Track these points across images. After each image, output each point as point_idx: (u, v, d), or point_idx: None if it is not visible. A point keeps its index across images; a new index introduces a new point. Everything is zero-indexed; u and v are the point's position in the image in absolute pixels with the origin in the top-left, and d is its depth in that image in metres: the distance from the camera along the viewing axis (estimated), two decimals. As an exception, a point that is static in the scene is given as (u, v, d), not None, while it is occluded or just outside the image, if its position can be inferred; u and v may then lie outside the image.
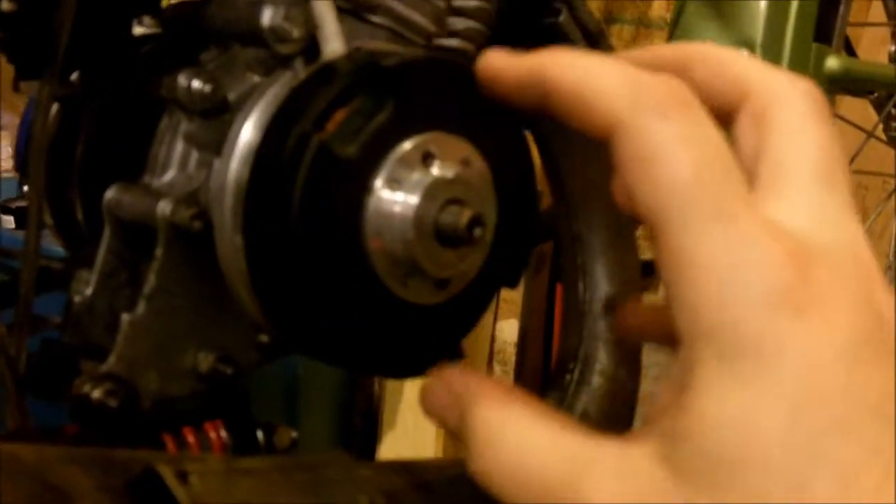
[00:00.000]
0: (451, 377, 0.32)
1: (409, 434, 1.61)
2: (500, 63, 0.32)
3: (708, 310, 0.24)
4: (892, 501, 0.22)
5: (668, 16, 1.79)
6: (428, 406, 0.33)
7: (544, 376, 1.66)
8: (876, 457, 0.23)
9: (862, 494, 0.22)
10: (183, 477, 0.29)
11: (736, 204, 0.25)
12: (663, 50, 0.31)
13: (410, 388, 1.61)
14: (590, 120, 0.28)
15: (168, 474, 0.29)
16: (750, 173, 0.28)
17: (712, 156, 0.26)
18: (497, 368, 1.70)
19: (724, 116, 0.29)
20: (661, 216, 0.26)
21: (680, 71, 0.29)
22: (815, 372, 0.23)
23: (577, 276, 0.62)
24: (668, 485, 0.24)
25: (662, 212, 0.26)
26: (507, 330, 1.67)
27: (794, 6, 0.70)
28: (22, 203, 1.58)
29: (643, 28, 1.80)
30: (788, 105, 0.28)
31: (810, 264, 0.25)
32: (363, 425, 1.67)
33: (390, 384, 1.63)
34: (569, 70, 0.29)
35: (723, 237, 0.25)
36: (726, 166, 0.26)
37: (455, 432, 0.31)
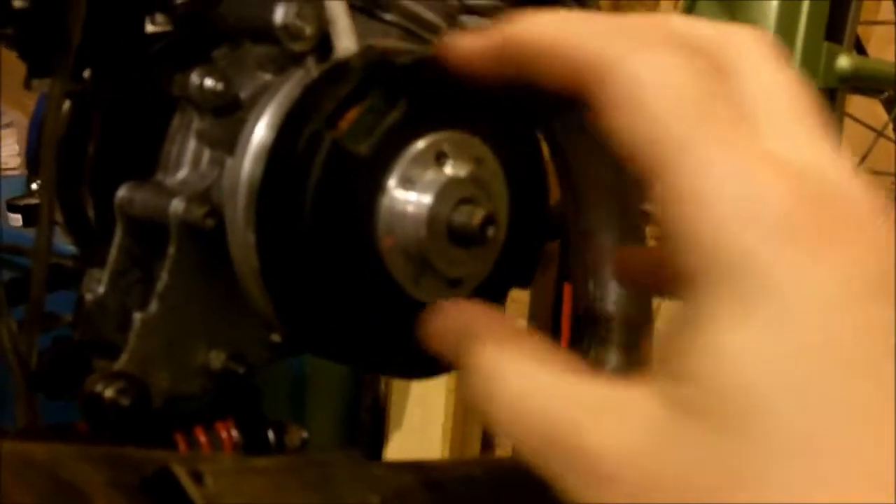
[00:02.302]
0: (456, 307, 0.31)
1: (415, 432, 1.61)
2: (465, 43, 0.31)
3: (716, 243, 0.23)
4: None
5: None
6: (429, 334, 0.31)
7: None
8: (893, 399, 0.21)
9: (875, 438, 0.21)
10: (197, 477, 0.29)
11: (734, 132, 0.24)
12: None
13: (417, 386, 1.61)
14: (570, 72, 0.26)
15: (183, 474, 0.29)
16: None
17: (702, 84, 0.24)
18: (503, 367, 1.70)
19: None
20: (655, 153, 0.24)
21: None
22: (829, 310, 0.22)
23: (586, 275, 0.62)
24: (671, 425, 0.23)
25: (655, 148, 0.24)
26: (514, 329, 1.67)
27: (806, 5, 0.70)
28: (29, 201, 1.58)
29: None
30: (749, 53, 0.27)
31: (820, 198, 0.23)
32: (370, 423, 1.67)
33: (397, 383, 1.63)
34: (540, 27, 0.28)
35: (726, 166, 0.23)
36: (717, 93, 0.25)
37: (455, 363, 0.29)
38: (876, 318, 0.22)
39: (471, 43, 0.31)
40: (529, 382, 0.26)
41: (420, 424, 1.61)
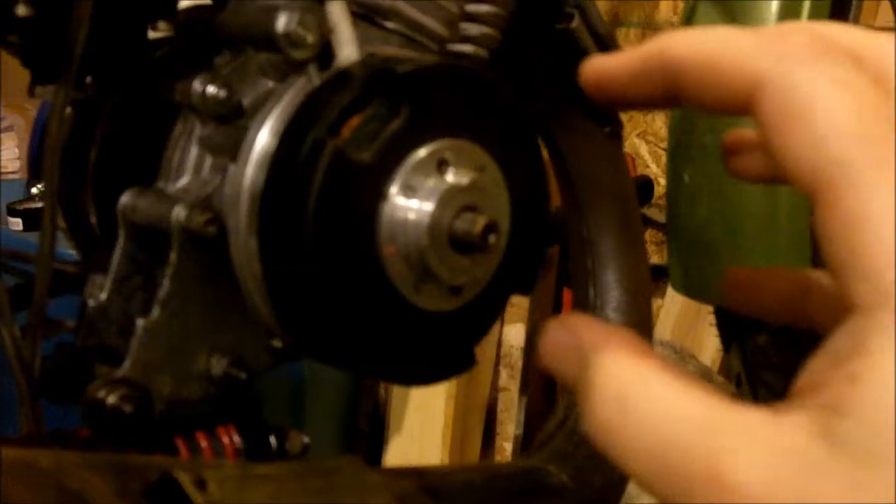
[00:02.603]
0: (576, 321, 0.28)
1: (415, 437, 1.61)
2: (609, 63, 0.30)
3: (890, 276, 0.21)
4: None
5: (676, 18, 1.79)
6: (544, 352, 0.29)
7: (550, 381, 1.66)
8: None
9: None
10: (200, 484, 0.29)
11: None
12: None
13: (417, 392, 1.61)
14: (727, 88, 0.25)
15: (186, 481, 0.29)
16: None
17: (873, 100, 0.23)
18: (503, 373, 1.70)
19: None
20: (823, 173, 0.23)
21: None
22: None
23: (587, 281, 0.63)
24: (830, 462, 0.21)
25: (824, 168, 0.23)
26: (514, 334, 1.67)
27: (807, 7, 0.70)
28: (29, 205, 1.58)
29: (650, 31, 1.80)
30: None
31: None
32: (369, 428, 1.67)
33: (397, 388, 1.63)
34: (693, 44, 0.27)
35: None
36: (883, 111, 0.23)
37: (572, 385, 0.27)
38: None
39: (614, 62, 0.30)
40: (665, 403, 0.24)
41: (419, 430, 1.61)
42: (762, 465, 0.22)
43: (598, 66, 0.30)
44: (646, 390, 0.25)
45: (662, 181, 1.59)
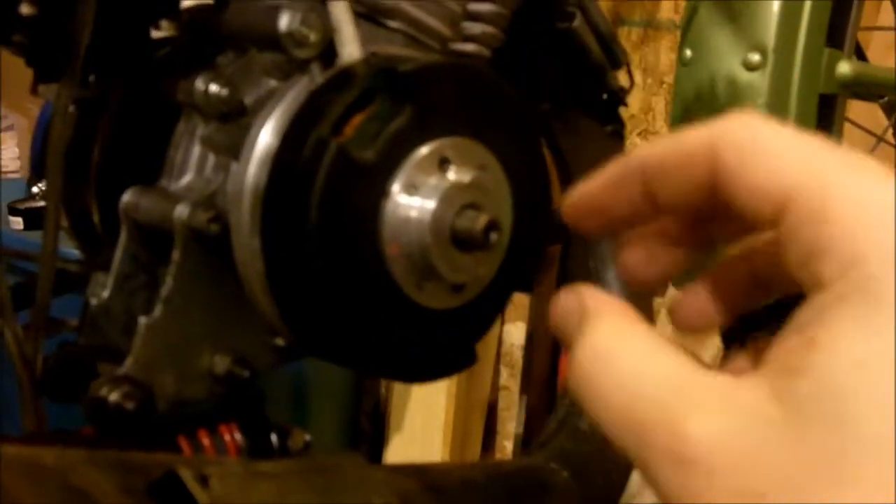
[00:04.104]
0: (583, 289, 0.31)
1: (416, 436, 1.61)
2: (581, 190, 0.32)
3: (853, 254, 0.24)
4: None
5: (677, 17, 1.79)
6: (553, 313, 0.31)
7: (551, 379, 1.66)
8: None
9: None
10: (203, 480, 0.29)
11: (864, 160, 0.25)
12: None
13: (418, 390, 1.61)
14: (690, 174, 0.28)
15: (189, 477, 0.29)
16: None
17: (820, 138, 0.26)
18: (504, 371, 1.70)
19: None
20: (788, 187, 0.25)
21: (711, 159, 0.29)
22: None
23: (589, 280, 0.63)
24: (780, 418, 0.23)
25: (788, 184, 0.25)
26: (515, 333, 1.67)
27: (807, 10, 0.70)
28: (30, 204, 1.58)
29: (651, 30, 1.80)
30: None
31: None
32: (370, 428, 1.67)
33: (397, 387, 1.63)
34: (657, 147, 0.29)
35: (861, 182, 0.24)
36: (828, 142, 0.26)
37: (567, 342, 0.30)
38: None
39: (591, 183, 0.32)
40: (641, 366, 0.26)
41: (420, 428, 1.61)
42: (716, 419, 0.24)
43: (574, 196, 0.32)
44: (623, 348, 0.27)
45: (663, 180, 1.59)
